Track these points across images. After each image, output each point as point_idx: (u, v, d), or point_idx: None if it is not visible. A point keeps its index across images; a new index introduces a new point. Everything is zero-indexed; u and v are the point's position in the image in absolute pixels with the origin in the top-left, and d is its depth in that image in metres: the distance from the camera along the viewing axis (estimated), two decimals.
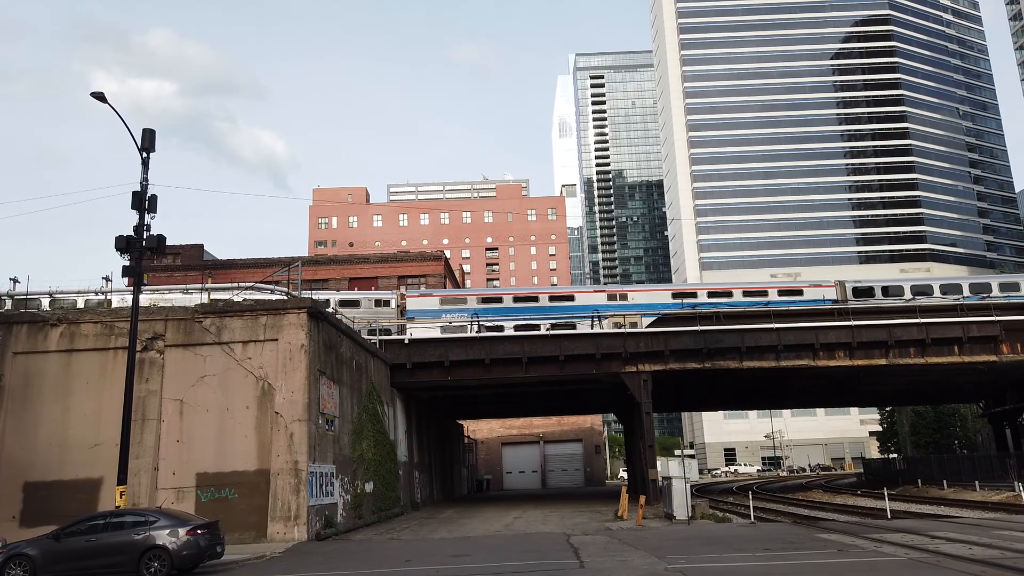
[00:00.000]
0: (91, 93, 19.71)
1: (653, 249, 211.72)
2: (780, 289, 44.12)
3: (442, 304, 42.02)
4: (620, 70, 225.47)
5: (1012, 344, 38.11)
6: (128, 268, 20.55)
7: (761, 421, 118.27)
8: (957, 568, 13.19)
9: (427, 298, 42.94)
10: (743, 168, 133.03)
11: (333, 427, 26.57)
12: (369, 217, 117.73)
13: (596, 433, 77.91)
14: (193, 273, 56.19)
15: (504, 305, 42.00)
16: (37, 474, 23.72)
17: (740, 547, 17.58)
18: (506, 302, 42.31)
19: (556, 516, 30.58)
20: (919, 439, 77.48)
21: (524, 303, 42.28)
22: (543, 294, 43.43)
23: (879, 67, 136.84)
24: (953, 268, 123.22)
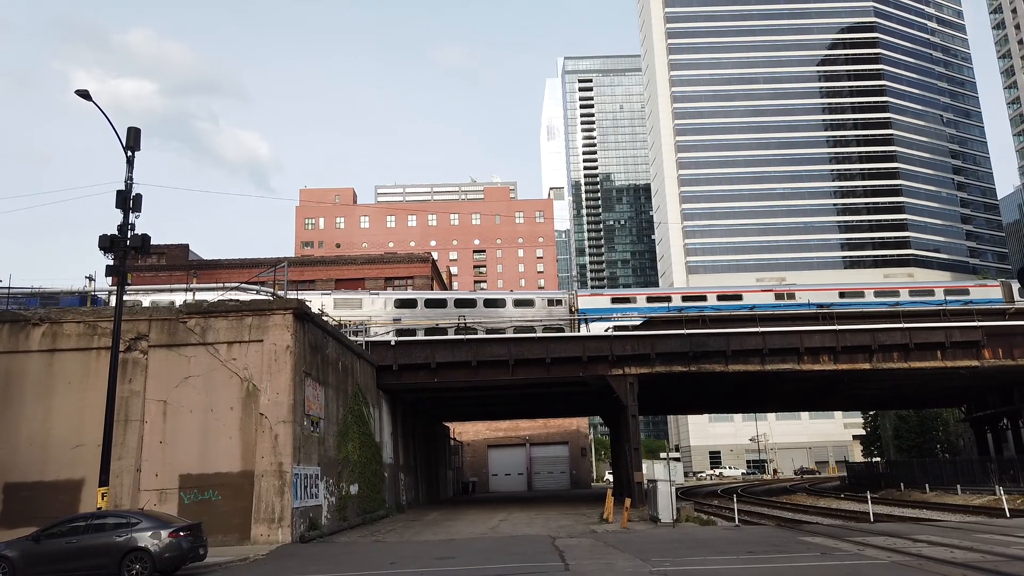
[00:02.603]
0: (76, 91, 19.54)
1: (640, 252, 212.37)
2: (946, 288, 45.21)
3: (612, 303, 42.73)
4: (608, 74, 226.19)
5: (994, 349, 38.51)
6: (112, 267, 20.36)
7: (746, 424, 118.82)
8: (939, 571, 13.30)
9: (598, 297, 43.60)
10: (730, 173, 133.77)
11: (318, 429, 26.45)
12: (356, 218, 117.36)
13: (582, 436, 78.00)
14: (178, 273, 55.82)
15: (673, 304, 42.77)
16: (18, 475, 23.45)
17: (724, 550, 17.65)
18: (675, 301, 43.14)
19: (542, 519, 30.57)
20: (902, 443, 78.09)
21: (692, 302, 43.09)
22: (711, 293, 44.23)
23: (864, 74, 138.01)
24: (936, 273, 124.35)
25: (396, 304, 40.95)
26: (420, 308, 40.88)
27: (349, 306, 39.94)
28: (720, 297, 43.96)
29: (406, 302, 41.24)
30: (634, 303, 42.70)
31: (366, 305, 40.40)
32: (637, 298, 43.41)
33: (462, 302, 41.55)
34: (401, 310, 40.65)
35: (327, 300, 39.70)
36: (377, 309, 40.24)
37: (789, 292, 44.86)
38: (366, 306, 40.29)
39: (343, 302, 40.21)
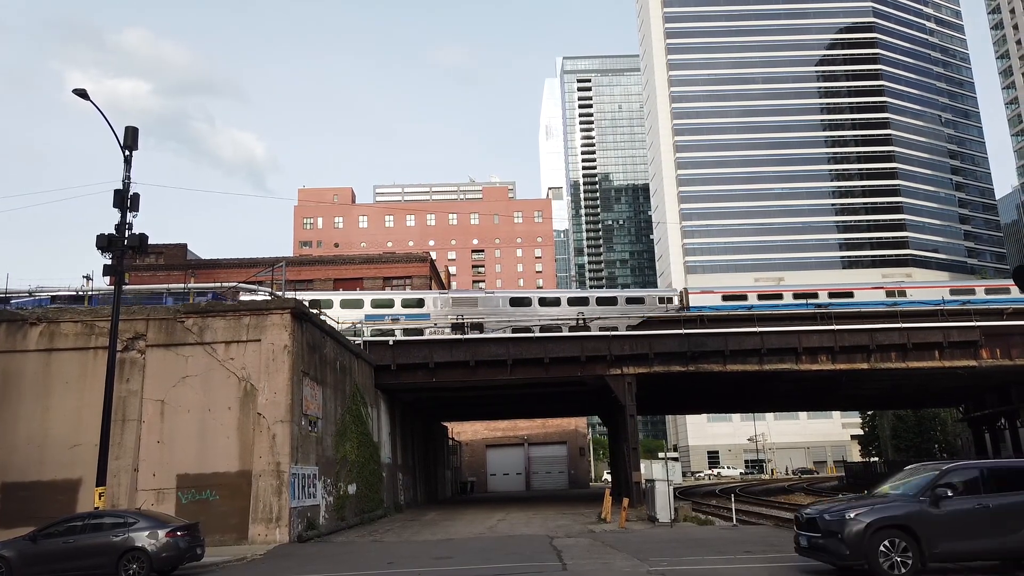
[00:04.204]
0: (73, 90, 19.51)
1: (639, 252, 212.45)
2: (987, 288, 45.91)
3: (723, 300, 43.40)
4: (607, 74, 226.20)
5: (992, 349, 38.57)
6: (109, 267, 20.34)
7: (744, 424, 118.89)
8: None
9: (709, 295, 44.19)
10: (728, 172, 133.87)
11: (316, 428, 26.44)
12: (355, 218, 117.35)
13: (581, 435, 78.03)
14: (176, 272, 55.73)
15: (784, 301, 43.53)
16: (16, 474, 23.42)
17: (722, 549, 17.65)
18: (786, 298, 44.05)
19: (540, 518, 30.57)
20: (900, 443, 78.20)
21: (803, 299, 43.78)
22: (822, 291, 45.02)
23: (863, 74, 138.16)
24: (934, 274, 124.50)
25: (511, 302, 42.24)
26: (535, 306, 42.34)
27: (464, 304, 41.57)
28: (831, 294, 44.56)
29: (521, 300, 42.58)
30: (746, 300, 43.34)
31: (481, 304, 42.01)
32: (748, 295, 44.12)
33: (575, 300, 42.70)
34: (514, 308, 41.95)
35: (444, 298, 41.64)
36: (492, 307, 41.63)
37: (900, 290, 45.38)
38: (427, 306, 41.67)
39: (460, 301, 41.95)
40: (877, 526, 12.19)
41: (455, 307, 41.28)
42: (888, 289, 45.79)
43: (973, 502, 12.46)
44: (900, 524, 12.23)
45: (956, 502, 12.46)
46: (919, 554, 12.05)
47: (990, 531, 12.27)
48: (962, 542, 12.22)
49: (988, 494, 12.59)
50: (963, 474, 12.96)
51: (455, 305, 41.47)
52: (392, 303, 41.59)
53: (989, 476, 12.87)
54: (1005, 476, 12.91)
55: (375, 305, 41.23)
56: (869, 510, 12.52)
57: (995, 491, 12.62)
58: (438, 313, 40.99)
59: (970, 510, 12.38)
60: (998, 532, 12.27)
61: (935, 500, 12.41)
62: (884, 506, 12.67)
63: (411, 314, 41.01)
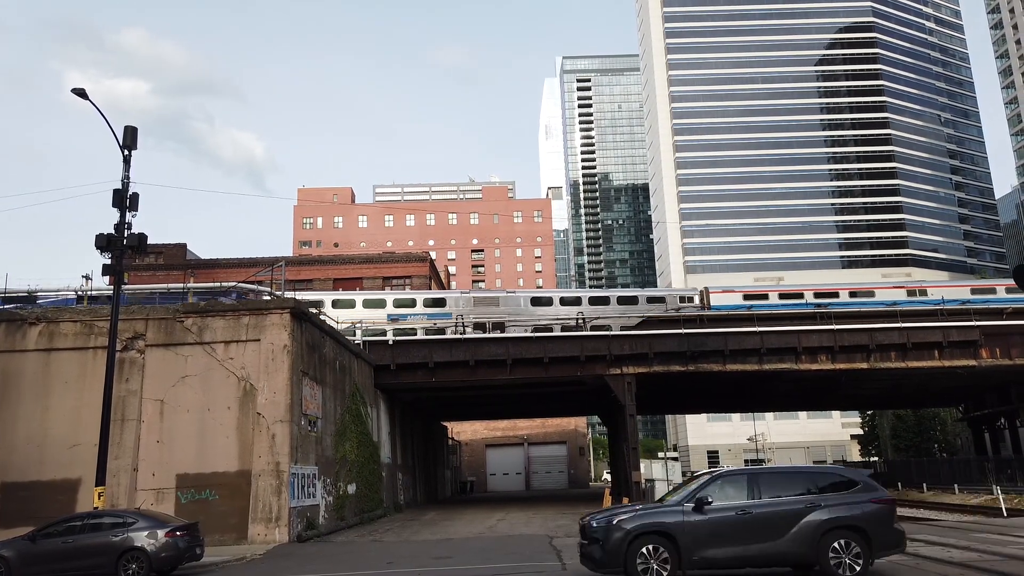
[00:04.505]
0: (72, 89, 19.48)
1: (639, 252, 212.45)
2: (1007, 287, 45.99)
3: (744, 299, 43.67)
4: (607, 73, 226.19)
5: (991, 349, 38.56)
6: (109, 266, 20.32)
7: (744, 424, 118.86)
8: (936, 571, 13.30)
9: (731, 294, 44.50)
10: (728, 172, 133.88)
11: (316, 428, 26.43)
12: (354, 217, 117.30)
13: (580, 435, 78.02)
14: (175, 272, 55.70)
15: (805, 300, 43.87)
16: (15, 474, 23.40)
17: None
18: (807, 297, 44.30)
19: (539, 518, 30.55)
20: (900, 443, 78.18)
21: (825, 299, 44.07)
22: (843, 289, 45.38)
23: (862, 74, 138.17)
24: (934, 273, 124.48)
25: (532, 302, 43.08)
26: (556, 305, 42.80)
27: (485, 304, 42.12)
28: (851, 294, 44.71)
29: (542, 299, 43.11)
30: (767, 299, 43.47)
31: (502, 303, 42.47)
32: (770, 294, 44.25)
33: (596, 300, 43.28)
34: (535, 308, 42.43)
35: (466, 298, 42.16)
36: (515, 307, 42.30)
37: (921, 289, 45.51)
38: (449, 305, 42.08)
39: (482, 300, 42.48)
40: (637, 532, 12.00)
41: (477, 307, 41.60)
42: (909, 288, 45.83)
43: (737, 509, 12.29)
44: (661, 531, 12.04)
45: (720, 509, 12.28)
46: (678, 561, 11.86)
47: (752, 538, 12.08)
48: (722, 549, 12.02)
49: (754, 500, 12.39)
50: (730, 480, 12.79)
51: (477, 305, 41.77)
52: (414, 303, 41.85)
53: (756, 482, 12.66)
54: (772, 482, 12.72)
55: (397, 305, 41.51)
56: (632, 516, 12.32)
57: (761, 497, 12.43)
58: (460, 312, 41.20)
59: (734, 517, 12.21)
60: (760, 538, 12.08)
61: (699, 507, 12.24)
62: (647, 513, 12.45)
63: (433, 313, 41.23)
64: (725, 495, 12.54)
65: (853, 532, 12.14)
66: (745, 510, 12.29)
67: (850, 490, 12.64)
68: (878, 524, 12.31)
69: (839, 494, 12.56)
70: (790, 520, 12.20)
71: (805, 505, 12.33)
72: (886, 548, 12.42)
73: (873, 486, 12.88)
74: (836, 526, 12.14)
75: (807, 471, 13.28)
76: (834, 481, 12.84)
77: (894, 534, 12.45)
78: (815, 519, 12.17)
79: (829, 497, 12.48)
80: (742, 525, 12.19)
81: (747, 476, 12.86)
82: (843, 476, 13.03)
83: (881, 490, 12.96)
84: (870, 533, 12.18)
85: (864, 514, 12.31)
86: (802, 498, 12.44)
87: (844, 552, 12.00)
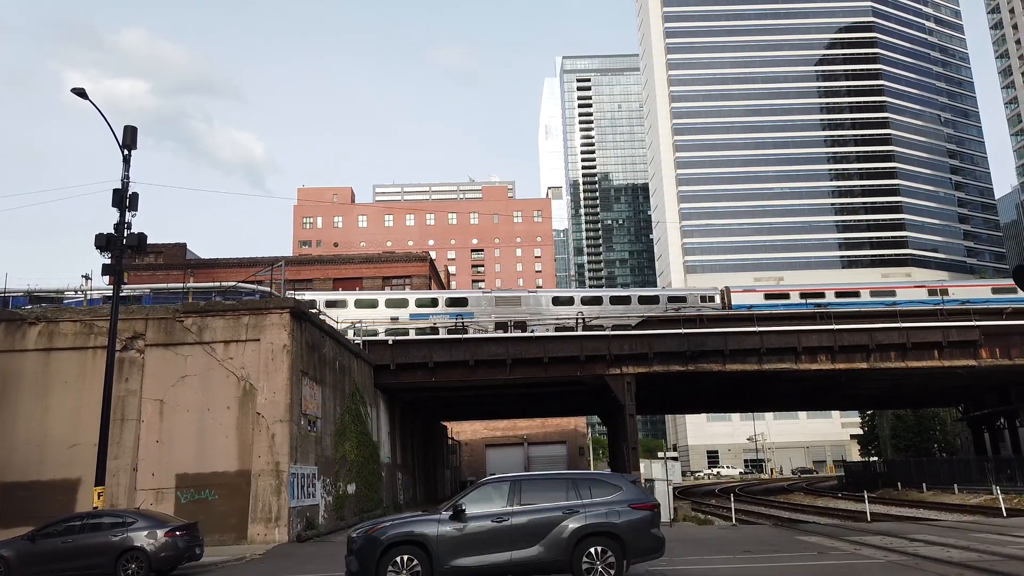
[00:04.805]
0: (72, 89, 19.48)
1: (638, 252, 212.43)
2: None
3: (766, 299, 43.90)
4: (607, 73, 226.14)
5: (991, 349, 38.57)
6: (108, 266, 20.31)
7: (744, 424, 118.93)
8: (935, 571, 13.30)
9: (752, 293, 44.72)
10: (728, 172, 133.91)
11: (315, 428, 26.42)
12: (354, 217, 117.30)
13: (580, 435, 78.03)
14: (175, 272, 55.70)
15: (826, 300, 43.95)
16: (15, 474, 23.40)
17: (721, 549, 17.64)
18: (828, 297, 44.42)
19: None
20: (899, 442, 78.16)
21: (846, 298, 44.30)
22: (864, 289, 45.57)
23: (862, 74, 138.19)
24: (934, 273, 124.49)
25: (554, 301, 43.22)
26: (576, 305, 42.94)
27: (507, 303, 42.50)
28: (872, 293, 44.76)
29: (563, 299, 43.41)
30: (788, 299, 43.55)
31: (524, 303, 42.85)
32: (791, 293, 44.27)
33: (617, 299, 43.42)
34: (557, 307, 42.60)
35: (488, 297, 42.47)
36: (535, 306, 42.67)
37: (943, 288, 45.59)
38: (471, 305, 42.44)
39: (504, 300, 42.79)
40: (390, 543, 11.96)
41: (498, 306, 41.79)
42: (931, 288, 45.79)
43: (494, 517, 12.25)
44: (415, 540, 11.99)
45: (478, 517, 12.23)
46: (430, 571, 11.81)
47: (507, 545, 12.02)
48: (475, 557, 11.95)
49: (512, 508, 12.36)
50: (494, 487, 12.73)
51: (498, 304, 41.97)
52: (436, 302, 42.08)
53: (517, 489, 12.60)
54: (533, 489, 12.66)
55: (419, 304, 41.72)
56: (387, 526, 12.28)
57: (520, 504, 12.39)
58: (482, 312, 41.34)
59: (490, 525, 12.17)
60: (515, 546, 12.03)
61: (456, 515, 12.21)
62: (404, 522, 12.40)
63: (455, 313, 41.37)
64: (486, 503, 12.46)
65: (608, 539, 12.09)
66: (501, 518, 12.22)
67: (612, 495, 12.56)
68: (635, 530, 12.22)
69: (600, 500, 12.48)
70: (546, 527, 12.15)
71: (563, 512, 12.27)
72: (642, 554, 12.33)
73: (637, 492, 12.79)
74: (591, 532, 12.09)
75: (571, 477, 13.11)
76: (597, 487, 12.74)
77: (651, 540, 12.33)
78: (571, 526, 12.12)
79: (590, 503, 12.40)
80: (498, 533, 12.11)
81: (510, 483, 12.79)
82: (607, 481, 12.92)
83: (645, 495, 12.87)
84: (625, 539, 12.11)
85: (621, 520, 12.23)
86: (561, 505, 12.37)
87: (598, 559, 11.98)
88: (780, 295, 44.62)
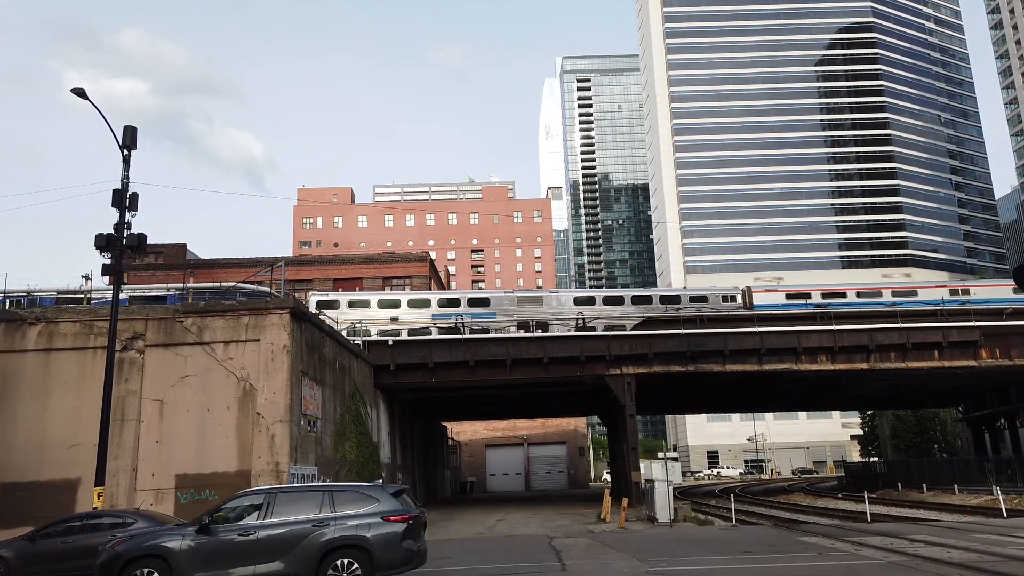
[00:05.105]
0: (72, 89, 19.47)
1: (638, 252, 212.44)
2: None
3: (787, 299, 43.89)
4: (607, 73, 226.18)
5: (991, 349, 38.55)
6: (108, 266, 20.30)
7: (744, 424, 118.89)
8: (936, 571, 13.30)
9: (773, 293, 44.76)
10: (728, 172, 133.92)
11: (315, 428, 26.42)
12: (354, 217, 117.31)
13: (580, 435, 78.00)
14: (175, 272, 55.69)
15: (848, 300, 44.12)
16: (15, 474, 23.38)
17: (721, 550, 17.64)
18: (849, 297, 44.54)
19: (539, 518, 30.55)
20: (899, 443, 78.13)
21: (867, 298, 44.42)
22: (885, 289, 45.67)
23: (862, 74, 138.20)
24: (934, 273, 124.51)
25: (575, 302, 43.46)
26: (599, 304, 43.07)
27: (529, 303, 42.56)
28: (895, 293, 44.82)
29: (585, 299, 43.55)
30: (810, 299, 43.55)
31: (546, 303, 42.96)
32: (812, 293, 44.29)
33: (639, 299, 43.46)
34: (579, 307, 42.80)
35: (510, 297, 42.54)
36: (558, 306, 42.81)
37: (964, 288, 45.66)
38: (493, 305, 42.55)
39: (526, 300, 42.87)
40: (129, 556, 11.92)
41: (521, 306, 41.78)
42: (952, 288, 45.81)
43: (241, 530, 12.22)
44: (156, 554, 11.94)
45: (227, 530, 12.19)
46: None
47: (254, 558, 11.98)
48: (219, 571, 11.91)
49: (262, 521, 12.32)
50: (251, 500, 12.69)
51: (521, 304, 41.98)
52: (459, 302, 42.17)
53: (271, 502, 12.58)
54: (288, 501, 12.64)
55: (441, 304, 41.82)
56: (134, 540, 12.26)
57: (273, 517, 12.38)
58: (504, 312, 41.41)
59: (237, 538, 12.13)
60: (261, 559, 12.00)
61: (204, 528, 12.18)
62: (149, 536, 12.36)
63: (477, 313, 41.39)
64: (237, 516, 12.44)
65: (356, 551, 12.11)
66: (249, 531, 12.21)
67: (368, 507, 12.59)
68: (383, 542, 12.25)
69: (354, 512, 12.51)
70: (294, 540, 12.16)
71: (313, 524, 12.29)
72: (391, 567, 12.32)
73: (394, 504, 12.78)
74: (339, 545, 12.14)
75: (327, 489, 13.15)
76: (354, 499, 12.76)
77: (400, 552, 12.34)
78: (319, 539, 12.15)
79: (342, 516, 12.43)
80: (243, 547, 12.08)
81: (264, 495, 12.79)
82: (365, 493, 12.94)
83: (401, 507, 12.84)
84: (373, 552, 12.13)
85: (372, 533, 12.26)
86: (312, 518, 12.38)
87: (343, 571, 12.01)
88: (802, 295, 44.59)
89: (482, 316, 41.29)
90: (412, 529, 12.66)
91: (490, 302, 42.17)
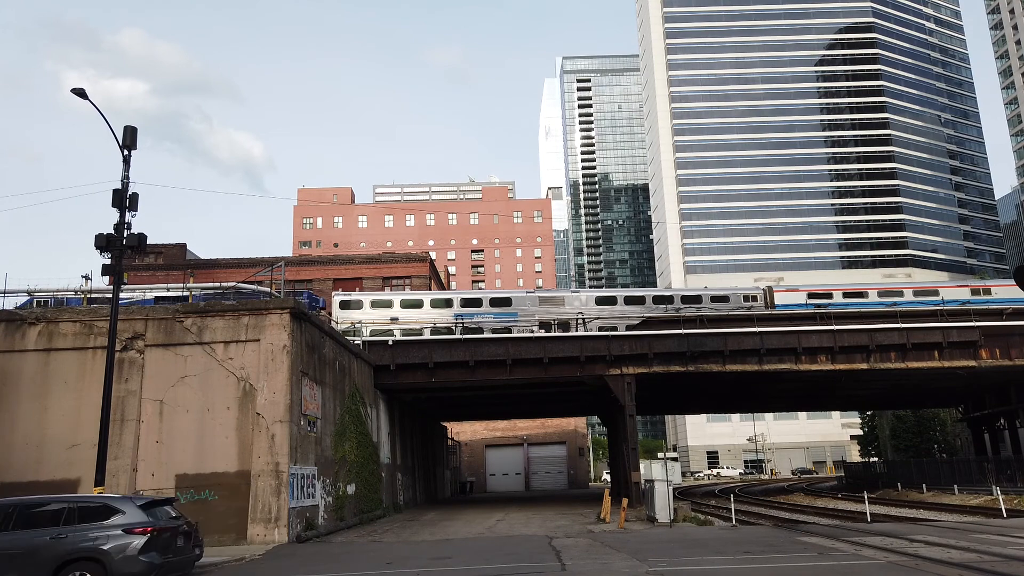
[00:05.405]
0: (72, 89, 19.46)
1: (638, 252, 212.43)
2: None
3: (808, 299, 44.01)
4: (607, 73, 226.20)
5: (991, 349, 38.55)
6: (108, 266, 20.30)
7: (744, 424, 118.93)
8: (935, 571, 13.29)
9: (794, 293, 44.74)
10: (728, 173, 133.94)
11: (315, 428, 26.41)
12: (354, 218, 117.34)
13: (580, 435, 77.98)
14: (175, 272, 55.69)
15: (868, 299, 44.19)
16: (14, 475, 23.36)
17: (721, 550, 17.63)
18: (870, 296, 44.63)
19: (539, 519, 30.53)
20: (899, 443, 78.13)
21: (887, 297, 44.56)
22: (907, 288, 45.78)
23: (862, 74, 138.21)
24: (934, 274, 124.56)
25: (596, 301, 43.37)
26: (620, 304, 42.98)
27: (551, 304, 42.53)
28: (916, 292, 44.93)
29: (606, 299, 43.53)
30: (831, 299, 43.65)
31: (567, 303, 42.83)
32: (834, 293, 44.35)
33: (660, 299, 43.58)
34: (600, 307, 42.83)
35: (531, 297, 42.50)
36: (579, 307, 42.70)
37: (985, 288, 45.72)
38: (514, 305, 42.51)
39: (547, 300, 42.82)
40: None
41: (542, 306, 41.82)
42: (973, 287, 45.83)
43: None
44: None
45: None
46: None
47: None
48: None
49: (3, 533, 12.27)
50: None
51: (542, 304, 41.99)
52: (480, 302, 42.21)
53: (11, 514, 12.52)
54: (28, 514, 12.56)
55: (464, 304, 41.91)
56: None
57: (12, 529, 12.31)
58: (526, 312, 41.45)
59: None
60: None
61: None
62: None
63: (499, 312, 41.43)
64: None
65: (92, 563, 12.16)
66: None
67: (111, 519, 12.58)
68: (119, 554, 12.26)
69: (95, 524, 12.50)
70: (27, 554, 12.11)
71: (51, 536, 12.26)
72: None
73: (139, 516, 12.75)
74: (75, 558, 12.16)
75: (72, 501, 13.14)
76: (98, 512, 12.74)
77: (139, 565, 12.33)
78: (54, 551, 12.14)
79: (83, 528, 12.42)
80: None
81: (8, 508, 12.75)
82: (110, 505, 12.90)
83: (146, 519, 12.81)
84: (109, 565, 12.16)
85: (109, 545, 12.28)
86: (51, 529, 12.36)
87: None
88: (823, 295, 44.62)
89: (504, 316, 41.35)
90: (155, 541, 12.64)
91: (512, 302, 42.16)
